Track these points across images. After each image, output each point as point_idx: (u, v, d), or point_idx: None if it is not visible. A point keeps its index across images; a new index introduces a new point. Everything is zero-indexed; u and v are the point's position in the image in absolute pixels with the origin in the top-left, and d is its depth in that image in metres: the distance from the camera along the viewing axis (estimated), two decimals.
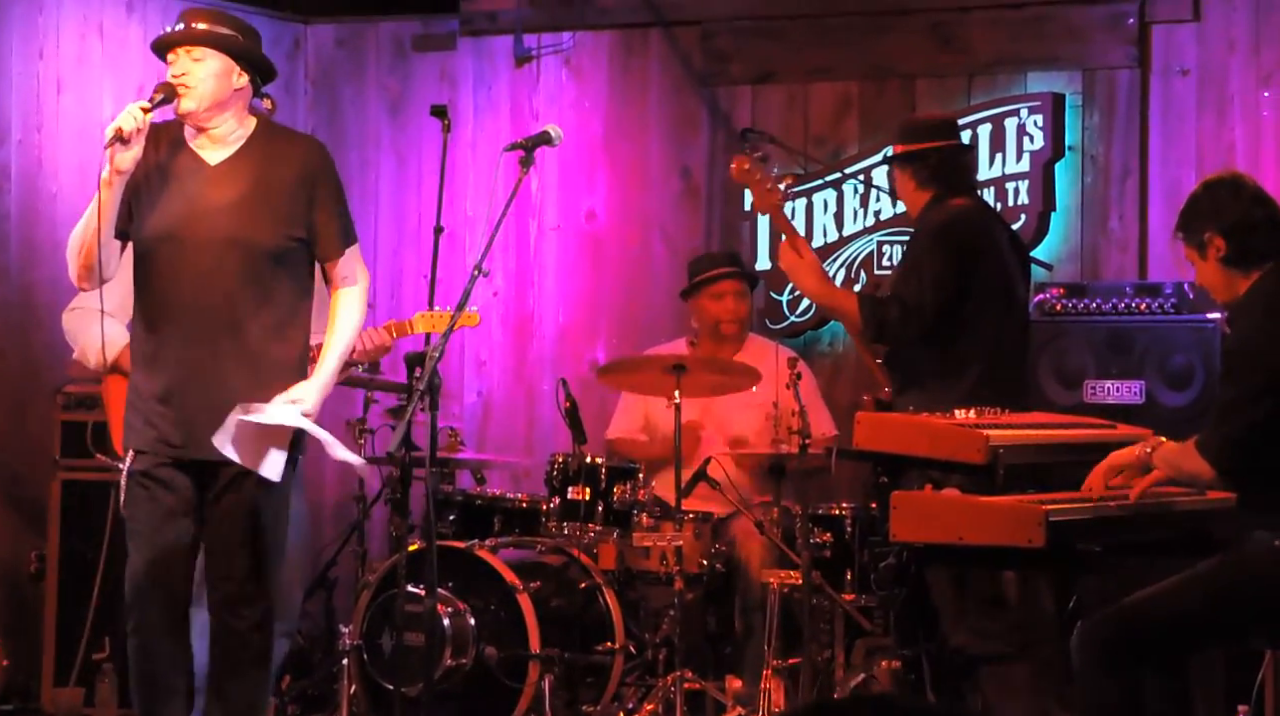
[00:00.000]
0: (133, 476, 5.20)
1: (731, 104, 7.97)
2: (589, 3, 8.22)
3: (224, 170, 5.20)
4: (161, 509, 5.18)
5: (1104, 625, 4.91)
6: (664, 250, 8.05)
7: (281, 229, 5.18)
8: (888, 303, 5.96)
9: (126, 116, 5.02)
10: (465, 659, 6.45)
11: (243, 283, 5.13)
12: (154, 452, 5.16)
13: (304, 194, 5.21)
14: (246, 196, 5.16)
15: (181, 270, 5.14)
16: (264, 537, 5.21)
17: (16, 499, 7.29)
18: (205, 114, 5.17)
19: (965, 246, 5.98)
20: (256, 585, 5.21)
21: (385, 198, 8.43)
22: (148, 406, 5.16)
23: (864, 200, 7.69)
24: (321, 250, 5.26)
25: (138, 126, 5.02)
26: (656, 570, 6.69)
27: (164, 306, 5.16)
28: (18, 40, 7.36)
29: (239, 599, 5.20)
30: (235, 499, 5.18)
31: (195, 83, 5.13)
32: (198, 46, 5.15)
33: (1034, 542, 4.84)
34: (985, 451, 5.10)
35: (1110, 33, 7.39)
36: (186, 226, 5.14)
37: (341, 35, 8.53)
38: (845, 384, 7.69)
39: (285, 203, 5.19)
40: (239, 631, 5.20)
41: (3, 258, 7.30)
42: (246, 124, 5.25)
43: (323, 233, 5.24)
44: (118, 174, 5.06)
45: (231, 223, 5.14)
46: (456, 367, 8.20)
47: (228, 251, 5.13)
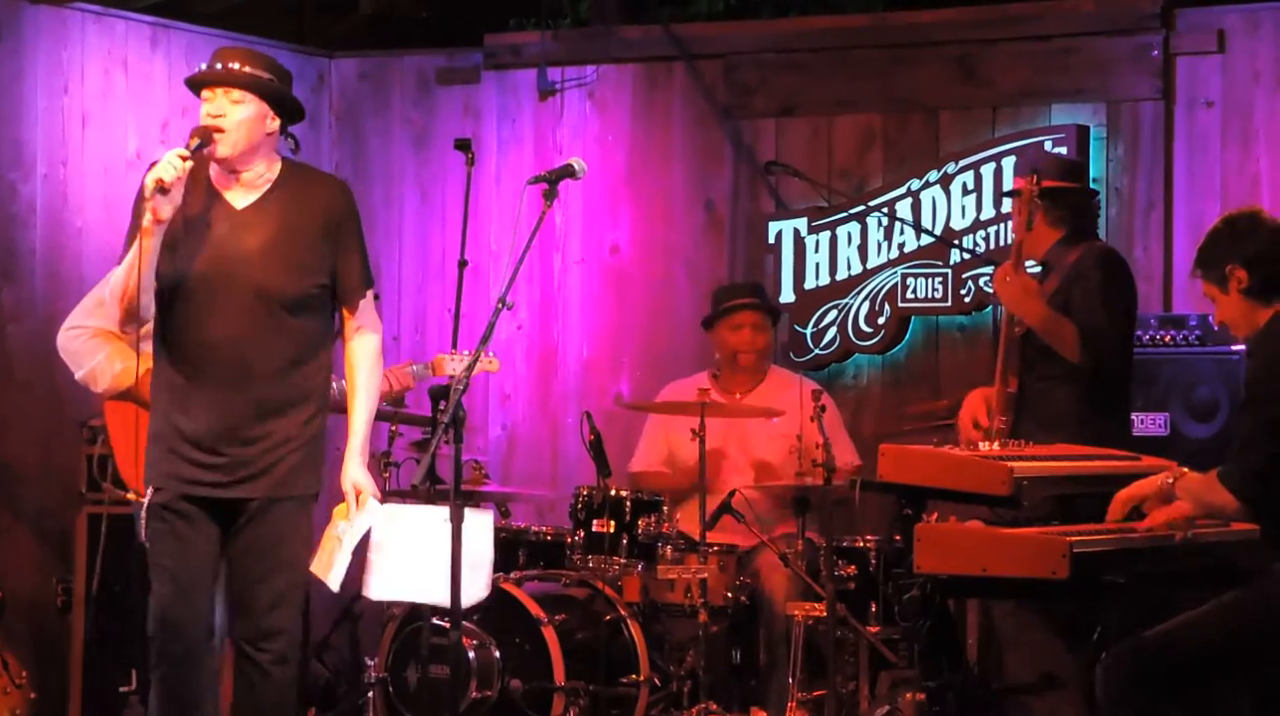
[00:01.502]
0: (153, 509, 5.21)
1: (755, 137, 7.98)
2: (612, 36, 8.24)
3: (250, 215, 5.21)
4: (183, 542, 5.19)
5: (1128, 657, 4.89)
6: (687, 283, 8.05)
7: (306, 277, 5.20)
8: (1098, 339, 6.01)
9: (167, 167, 5.01)
10: (490, 691, 6.45)
11: (266, 327, 5.15)
12: (174, 489, 5.18)
13: (328, 239, 5.23)
14: (272, 243, 5.18)
15: (206, 313, 5.16)
16: (285, 572, 5.22)
17: (43, 531, 7.31)
18: (239, 159, 5.18)
19: (1131, 285, 6.14)
20: (278, 619, 5.22)
21: (409, 231, 8.45)
22: (170, 443, 5.18)
23: (888, 233, 7.69)
24: (343, 293, 5.29)
25: (178, 175, 5.03)
26: (681, 602, 6.69)
27: (187, 347, 5.18)
28: (43, 75, 7.40)
29: (261, 633, 5.21)
30: (256, 534, 5.20)
31: (231, 126, 5.14)
32: (237, 89, 5.16)
33: (1058, 574, 4.83)
34: (1010, 483, 5.10)
35: (1135, 65, 7.39)
36: (212, 271, 5.15)
37: (366, 69, 8.57)
38: (869, 416, 7.69)
39: (310, 249, 5.21)
40: (261, 664, 5.21)
41: (28, 291, 7.32)
42: (273, 167, 5.27)
43: (345, 278, 5.27)
44: (159, 223, 5.08)
45: (256, 270, 5.15)
46: (481, 401, 8.21)
47: (252, 297, 5.15)
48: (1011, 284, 6.15)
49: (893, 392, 7.72)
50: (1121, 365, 6.17)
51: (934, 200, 7.61)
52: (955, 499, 5.35)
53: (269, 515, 5.18)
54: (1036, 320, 6.19)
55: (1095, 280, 6.14)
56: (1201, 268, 5.05)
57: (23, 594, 7.07)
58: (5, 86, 7.27)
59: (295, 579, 5.26)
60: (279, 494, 5.19)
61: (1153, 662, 4.84)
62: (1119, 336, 6.13)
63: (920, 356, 7.73)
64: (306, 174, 5.38)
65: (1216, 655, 4.85)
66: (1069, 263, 6.21)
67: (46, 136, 7.40)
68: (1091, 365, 6.04)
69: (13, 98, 7.29)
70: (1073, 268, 6.20)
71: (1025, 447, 5.43)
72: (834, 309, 7.77)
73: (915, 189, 7.65)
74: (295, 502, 5.24)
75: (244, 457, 5.15)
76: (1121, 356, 6.16)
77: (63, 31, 7.46)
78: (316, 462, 5.27)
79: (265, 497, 5.18)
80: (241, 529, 5.20)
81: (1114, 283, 6.16)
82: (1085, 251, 6.22)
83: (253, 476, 5.16)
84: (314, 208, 5.24)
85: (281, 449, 5.19)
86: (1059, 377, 6.14)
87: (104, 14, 7.60)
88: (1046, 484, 5.25)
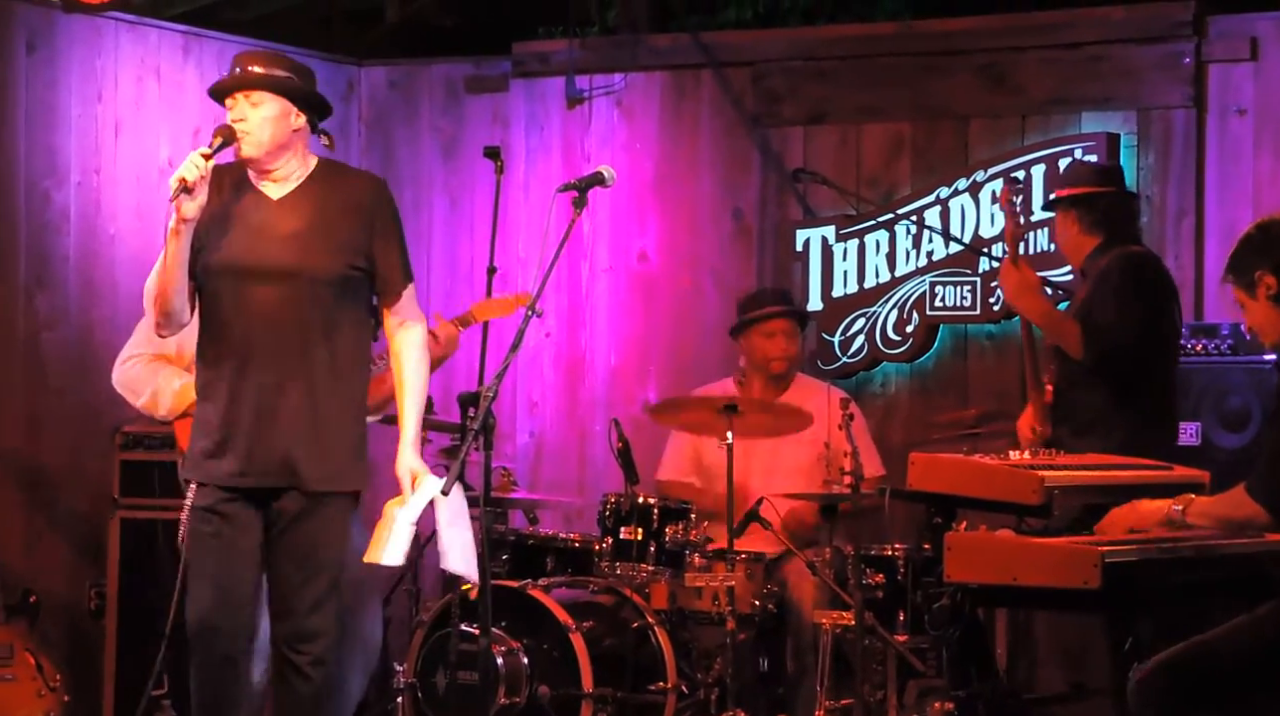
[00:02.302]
0: (195, 511, 5.23)
1: (783, 145, 7.99)
2: (640, 44, 8.25)
3: (286, 203, 5.25)
4: (224, 543, 5.21)
5: (1161, 669, 4.88)
6: (715, 291, 8.06)
7: (343, 258, 5.21)
8: (1101, 334, 6.00)
9: (189, 166, 5.05)
10: (518, 698, 6.45)
11: (305, 312, 5.17)
12: (214, 484, 5.20)
13: (364, 226, 5.24)
14: (308, 227, 5.21)
15: (245, 301, 5.18)
16: (325, 573, 5.24)
17: (77, 537, 7.34)
18: (266, 157, 5.22)
19: (1156, 286, 6.09)
20: (318, 621, 5.24)
21: (438, 239, 8.47)
22: (214, 438, 5.20)
23: (916, 241, 7.69)
24: (383, 284, 5.28)
25: (201, 174, 5.06)
26: (709, 610, 6.69)
27: (228, 337, 5.20)
28: (76, 83, 7.43)
29: (300, 634, 5.22)
30: (296, 534, 5.21)
31: (253, 128, 5.18)
32: (255, 91, 5.19)
33: (1090, 584, 4.83)
34: (1041, 492, 5.10)
35: (1166, 72, 7.38)
36: (249, 257, 5.18)
37: (394, 77, 8.59)
38: (897, 425, 7.69)
39: (346, 233, 5.22)
40: (299, 666, 5.23)
41: (62, 299, 7.36)
42: (308, 163, 5.30)
43: (383, 265, 5.27)
44: (184, 223, 5.10)
45: (293, 252, 5.18)
46: (509, 408, 8.22)
47: (290, 280, 5.17)
48: (1010, 277, 6.17)
49: (920, 401, 7.72)
50: (1142, 365, 6.14)
51: (963, 208, 7.61)
52: (985, 508, 5.35)
53: (312, 516, 5.19)
54: (1035, 315, 6.21)
55: (1113, 281, 6.15)
56: (1232, 273, 5.03)
57: (56, 598, 7.10)
58: (40, 94, 7.30)
59: (335, 582, 5.28)
60: (324, 488, 5.20)
61: (1186, 674, 4.83)
62: (1133, 335, 6.09)
63: (948, 365, 7.72)
64: (343, 169, 5.43)
65: (1250, 667, 4.83)
66: (1100, 268, 6.22)
67: (80, 144, 7.44)
68: (1093, 362, 6.03)
69: (47, 106, 7.33)
70: (1100, 272, 6.21)
71: (1057, 456, 5.43)
72: (862, 317, 7.77)
73: (944, 197, 7.65)
74: (339, 501, 5.24)
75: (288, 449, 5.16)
76: (1139, 357, 6.11)
77: (97, 40, 7.50)
78: (361, 458, 5.28)
79: (310, 491, 5.18)
80: (284, 530, 5.21)
81: (1133, 283, 6.14)
82: (1115, 255, 6.22)
83: (296, 468, 5.17)
84: (350, 197, 5.26)
85: (326, 441, 5.20)
86: (1082, 382, 6.14)
87: (137, 23, 7.63)
88: (1078, 493, 5.25)
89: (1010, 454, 5.45)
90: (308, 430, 5.17)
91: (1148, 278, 6.21)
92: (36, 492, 7.25)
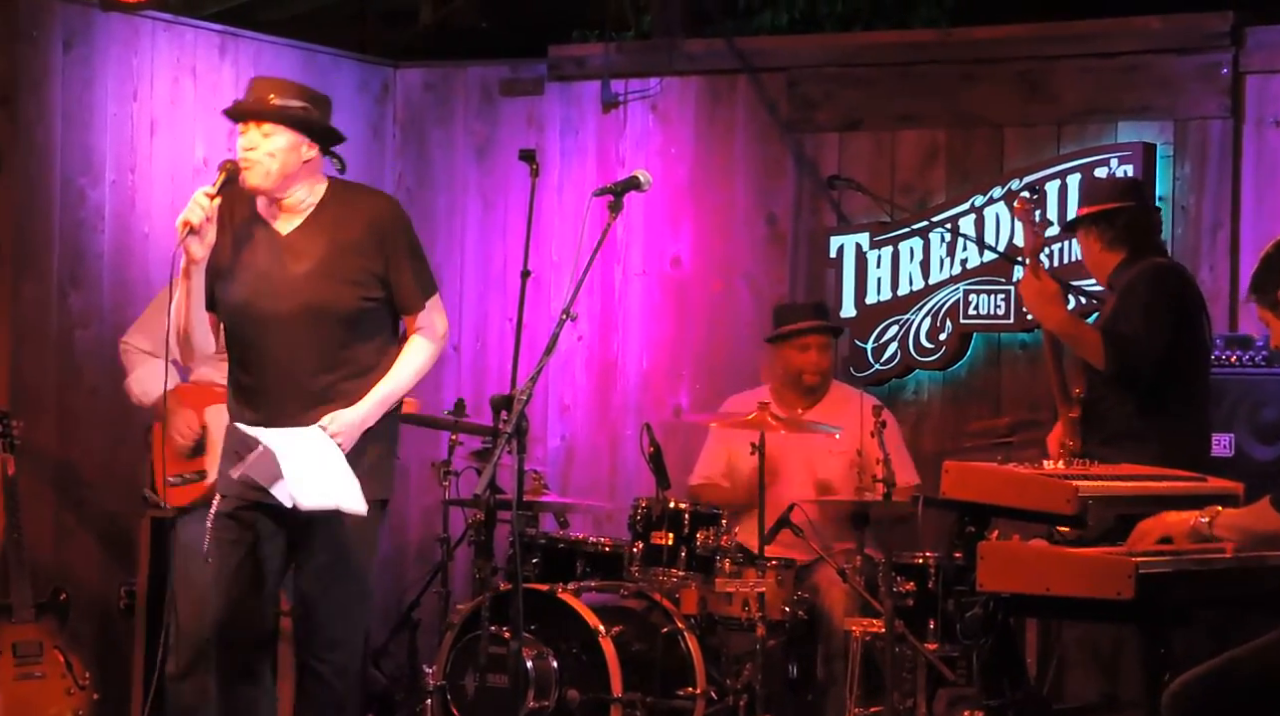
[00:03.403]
0: (218, 517, 5.24)
1: (818, 151, 7.97)
2: (676, 49, 8.25)
3: (295, 240, 5.23)
4: (244, 551, 5.22)
5: (1195, 681, 4.85)
6: (748, 296, 8.05)
7: (356, 292, 5.20)
8: (1125, 344, 5.99)
9: (194, 208, 5.05)
10: (547, 701, 6.45)
11: (321, 348, 5.17)
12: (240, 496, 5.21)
13: (378, 254, 5.22)
14: (318, 265, 5.19)
15: (260, 339, 5.19)
16: (349, 583, 5.23)
17: (107, 535, 7.36)
18: (274, 187, 5.20)
19: (1183, 297, 6.09)
20: (340, 630, 5.24)
21: (471, 241, 8.47)
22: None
23: (950, 249, 7.68)
24: (402, 304, 5.28)
25: (206, 215, 5.06)
26: (739, 616, 6.69)
27: (245, 373, 5.23)
28: (112, 82, 7.45)
29: (323, 643, 5.22)
30: (321, 544, 5.21)
31: (261, 158, 5.15)
32: (267, 122, 5.17)
33: (1123, 595, 4.80)
34: (1075, 502, 5.07)
35: (1203, 82, 7.35)
36: (261, 299, 5.19)
37: (430, 80, 8.60)
38: (929, 432, 7.67)
39: (357, 267, 5.20)
40: (322, 676, 5.23)
41: (96, 297, 7.37)
42: (316, 190, 5.27)
43: (401, 289, 5.26)
44: (194, 263, 5.12)
45: (305, 292, 5.17)
46: (540, 411, 8.22)
47: (303, 320, 5.17)
48: (1030, 287, 6.16)
49: (953, 409, 7.70)
50: (1169, 375, 6.10)
51: (997, 216, 7.59)
52: (1019, 517, 5.33)
53: (333, 525, 5.19)
54: (1055, 324, 6.19)
55: (1138, 293, 6.13)
56: (1255, 292, 4.97)
57: (86, 596, 7.12)
58: (76, 93, 7.32)
59: (361, 589, 5.27)
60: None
61: (1219, 687, 4.80)
62: (1158, 347, 6.06)
63: (981, 373, 7.71)
64: (352, 192, 5.36)
65: None
66: (1126, 280, 6.20)
67: (115, 142, 7.46)
68: (1115, 373, 6.01)
69: (83, 104, 7.35)
70: (1126, 284, 6.19)
71: (1091, 467, 5.41)
72: (895, 324, 7.76)
73: (979, 205, 7.63)
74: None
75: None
76: (1166, 366, 6.08)
77: (133, 39, 7.52)
78: (382, 471, 5.28)
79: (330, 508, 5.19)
80: (306, 538, 5.21)
81: (1158, 294, 6.12)
82: (1141, 268, 6.20)
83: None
84: (360, 225, 5.23)
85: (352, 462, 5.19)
86: (1111, 394, 6.12)
87: (174, 22, 7.65)
88: (1112, 503, 5.22)
89: (1044, 463, 5.43)
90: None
91: (1173, 289, 6.19)
92: (68, 491, 7.27)
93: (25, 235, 7.19)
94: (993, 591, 5.10)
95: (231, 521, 5.22)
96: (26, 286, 7.19)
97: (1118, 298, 6.19)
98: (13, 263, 7.16)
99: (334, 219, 5.23)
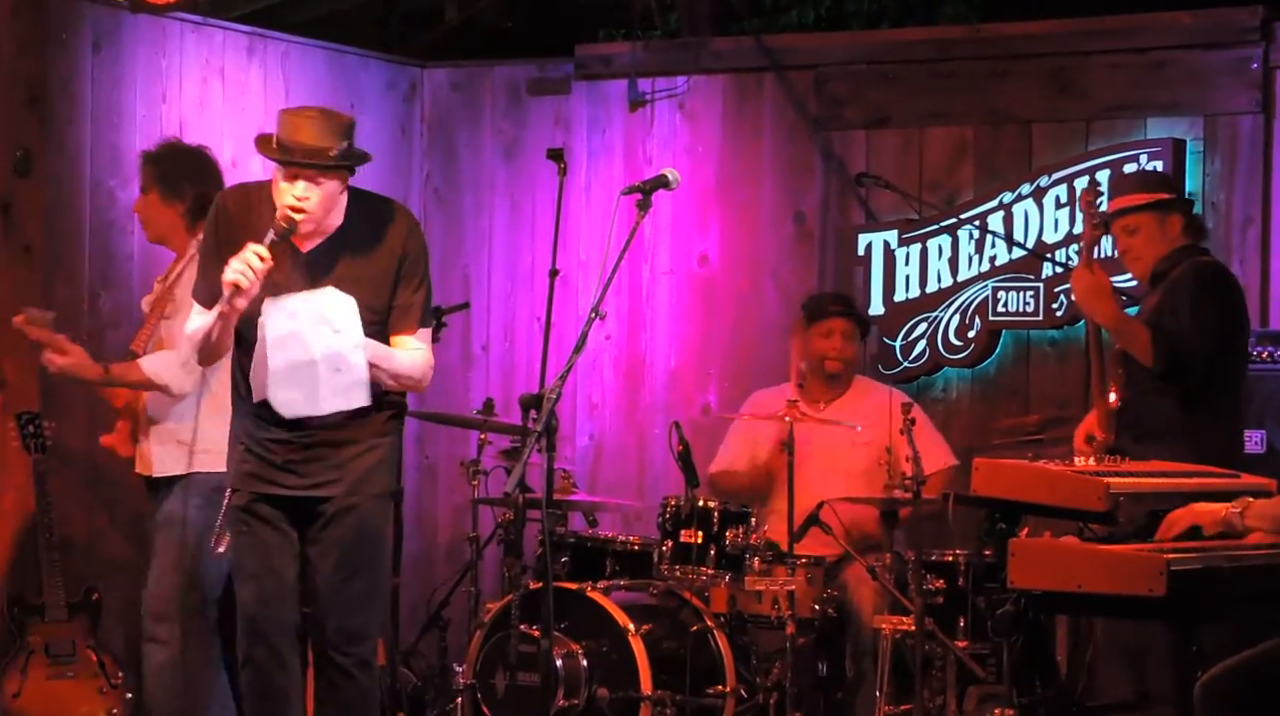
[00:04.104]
0: (232, 513, 5.27)
1: (846, 148, 7.96)
2: (703, 47, 8.25)
3: (315, 259, 5.24)
4: (264, 545, 5.26)
5: (1227, 677, 4.84)
6: (776, 294, 8.04)
7: (367, 315, 5.21)
8: (1175, 342, 5.99)
9: (246, 271, 5.02)
10: (577, 700, 6.46)
11: None
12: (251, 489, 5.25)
13: (390, 276, 5.25)
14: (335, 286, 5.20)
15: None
16: (366, 574, 5.26)
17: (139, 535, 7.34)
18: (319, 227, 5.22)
19: (1230, 297, 6.11)
20: (360, 622, 5.25)
21: (499, 241, 8.48)
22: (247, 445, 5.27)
23: (979, 246, 7.66)
24: (394, 324, 5.28)
25: (254, 279, 5.05)
26: (768, 614, 6.68)
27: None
28: (141, 84, 7.47)
29: (343, 636, 5.24)
30: (335, 536, 5.24)
31: (314, 208, 5.15)
32: (322, 176, 5.13)
33: (1155, 592, 4.78)
34: (1106, 499, 5.06)
35: (1233, 78, 7.33)
36: None
37: (457, 79, 8.60)
38: (958, 430, 7.65)
39: (370, 288, 5.23)
40: (344, 668, 5.25)
41: (126, 296, 7.38)
42: (339, 208, 5.27)
43: (399, 310, 5.28)
44: (235, 312, 5.13)
45: None
46: (569, 410, 8.23)
47: None
48: (1082, 280, 6.14)
49: (982, 406, 7.69)
50: (1213, 374, 6.11)
51: (1026, 213, 7.57)
52: (1049, 514, 5.32)
53: (347, 517, 5.22)
54: (1105, 319, 6.18)
55: (1187, 288, 6.11)
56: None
57: (119, 595, 7.13)
58: (105, 94, 7.34)
59: (376, 581, 5.30)
60: (356, 493, 5.22)
61: (1251, 683, 4.79)
62: (1206, 344, 6.07)
63: (1010, 370, 7.69)
64: (374, 210, 5.34)
65: None
66: (1171, 277, 6.18)
67: (145, 144, 7.42)
68: (1163, 369, 6.00)
69: (112, 105, 7.37)
70: (1171, 281, 6.17)
71: (1122, 463, 5.40)
72: (924, 322, 7.75)
73: (1007, 202, 7.61)
74: (373, 502, 5.27)
75: (320, 458, 5.20)
76: (1213, 365, 6.09)
77: (162, 40, 7.54)
78: (393, 461, 5.31)
79: (342, 499, 5.21)
80: (320, 531, 5.24)
81: (1207, 291, 6.12)
82: (1188, 266, 6.19)
83: (329, 478, 5.21)
84: (380, 250, 5.25)
85: (356, 448, 5.24)
86: (1151, 389, 6.11)
87: (202, 24, 7.67)
88: (1143, 500, 5.20)
89: (1075, 460, 5.42)
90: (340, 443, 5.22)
91: (1221, 288, 6.18)
92: (99, 491, 7.29)
93: (56, 236, 7.21)
94: (1023, 588, 5.08)
95: (246, 515, 5.26)
96: (58, 287, 7.21)
97: (1164, 293, 6.17)
98: (43, 264, 7.18)
99: (356, 243, 5.25)
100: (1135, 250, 6.31)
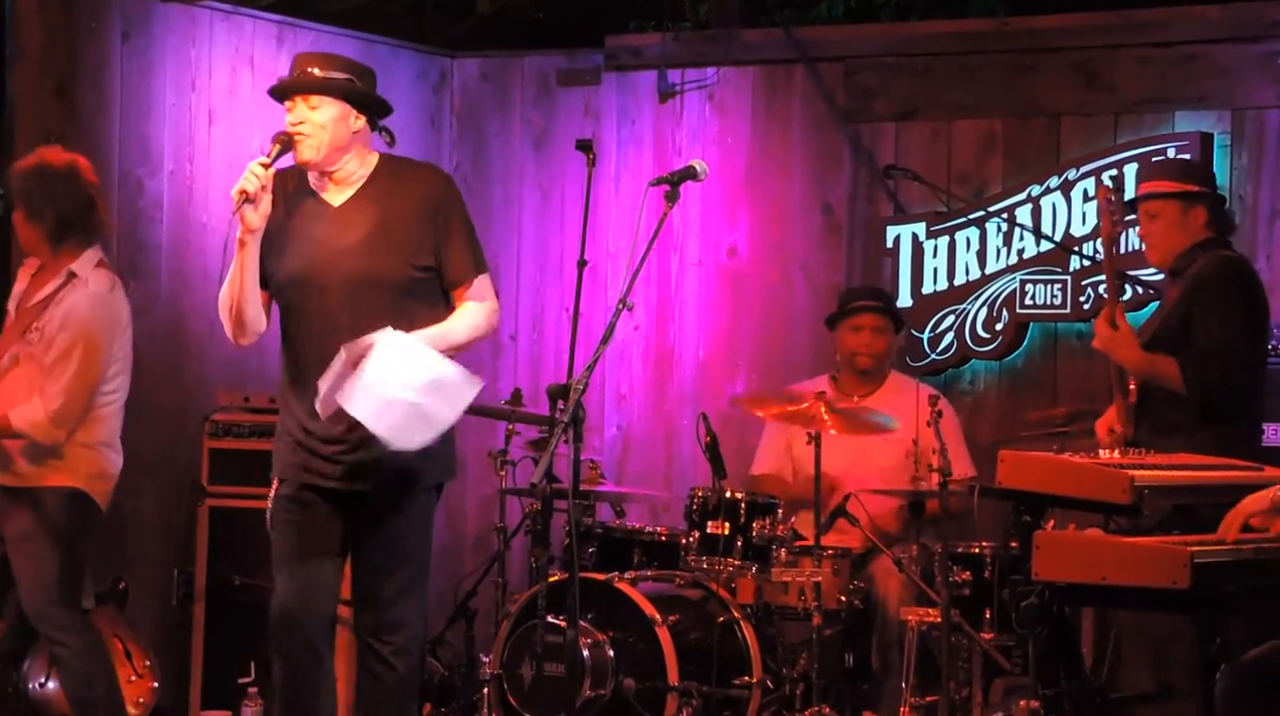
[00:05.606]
0: (278, 500, 5.29)
1: (874, 140, 7.97)
2: (733, 38, 8.25)
3: (347, 210, 5.25)
4: (305, 534, 5.26)
5: (1251, 669, 4.85)
6: (805, 286, 8.05)
7: (408, 261, 5.20)
8: (1205, 362, 5.96)
9: (249, 177, 5.07)
10: (604, 690, 6.47)
11: (373, 319, 5.12)
12: (298, 480, 5.24)
13: (429, 223, 5.23)
14: (370, 235, 5.20)
15: (314, 312, 5.20)
16: (409, 565, 5.27)
17: (166, 523, 7.42)
18: (325, 160, 5.22)
19: (1254, 293, 6.08)
20: (401, 611, 5.27)
21: (528, 231, 8.50)
22: (295, 437, 5.25)
23: (1007, 238, 7.66)
24: (450, 275, 5.26)
25: (261, 184, 5.08)
26: (795, 605, 6.70)
27: (301, 347, 5.24)
28: (171, 72, 7.50)
29: (384, 625, 5.26)
30: (381, 526, 5.25)
31: (312, 131, 5.17)
32: (313, 95, 5.19)
33: (1179, 584, 4.78)
34: (1131, 492, 5.06)
35: (1260, 72, 7.32)
36: (314, 269, 5.20)
37: (487, 69, 8.62)
38: (986, 423, 7.65)
39: (409, 235, 5.21)
40: (384, 656, 5.27)
41: (153, 287, 7.43)
42: (368, 162, 5.29)
43: (451, 259, 5.25)
44: (250, 233, 5.14)
45: (357, 262, 5.18)
46: (597, 401, 8.24)
47: (356, 290, 5.17)
48: (1103, 331, 6.12)
49: (1009, 399, 7.69)
50: (1243, 376, 6.10)
51: (1054, 206, 7.57)
52: (1074, 506, 5.31)
53: (393, 508, 5.23)
54: (1132, 367, 6.15)
55: (1210, 292, 6.07)
56: None
57: (146, 584, 7.18)
58: (135, 83, 7.38)
59: (419, 572, 5.31)
60: (403, 485, 5.23)
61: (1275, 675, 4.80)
62: (1234, 353, 6.03)
63: (1038, 363, 7.69)
64: (404, 166, 5.38)
65: None
66: (1192, 272, 6.15)
67: (174, 133, 7.51)
68: (1199, 397, 5.98)
69: (142, 94, 7.40)
70: (1193, 278, 6.14)
71: (1146, 456, 5.39)
72: (951, 314, 7.75)
73: (1035, 195, 7.61)
74: (420, 494, 5.29)
75: (366, 449, 5.18)
76: (1242, 368, 6.08)
77: (191, 29, 7.57)
78: (442, 453, 5.29)
79: (389, 490, 5.22)
80: (366, 521, 5.25)
81: (1231, 291, 6.08)
82: (1208, 260, 6.15)
83: (376, 469, 5.20)
84: (412, 196, 5.24)
85: None
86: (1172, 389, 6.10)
87: (232, 13, 7.70)
88: (1168, 493, 5.20)
89: (1100, 453, 5.41)
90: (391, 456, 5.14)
91: (1244, 285, 6.14)
92: (126, 479, 7.26)
93: None
94: (1048, 580, 5.09)
95: (291, 503, 5.26)
96: None
97: (1185, 292, 6.14)
98: None
99: (386, 191, 5.25)
100: (1154, 237, 6.27)
